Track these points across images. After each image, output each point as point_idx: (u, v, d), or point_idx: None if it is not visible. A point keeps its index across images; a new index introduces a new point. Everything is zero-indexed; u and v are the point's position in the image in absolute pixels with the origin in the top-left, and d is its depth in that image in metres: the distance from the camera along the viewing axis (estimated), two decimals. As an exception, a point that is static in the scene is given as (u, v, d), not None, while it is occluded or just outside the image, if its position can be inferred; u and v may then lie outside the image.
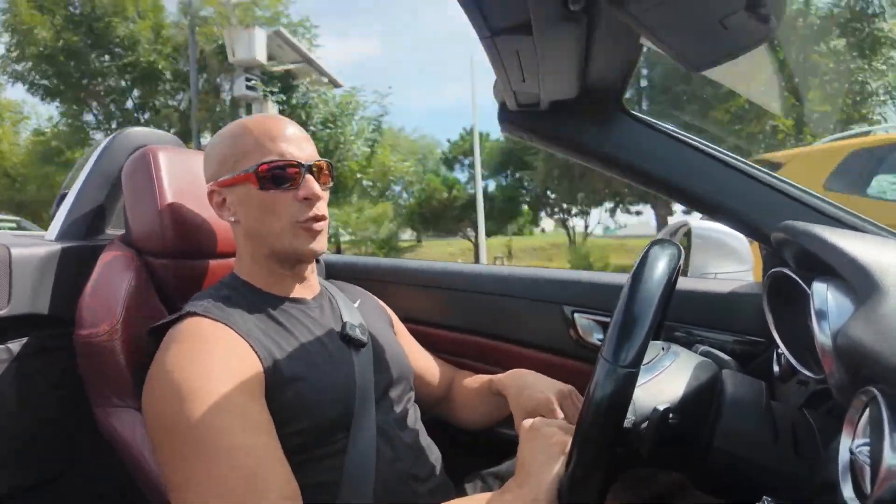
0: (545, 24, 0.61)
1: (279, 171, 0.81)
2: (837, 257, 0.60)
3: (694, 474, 0.66)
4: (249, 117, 0.87)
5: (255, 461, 0.65)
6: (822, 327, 0.57)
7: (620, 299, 0.56)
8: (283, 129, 0.84)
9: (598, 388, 0.54)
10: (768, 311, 0.80)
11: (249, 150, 0.82)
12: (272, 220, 0.83)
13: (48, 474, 0.98)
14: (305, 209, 0.83)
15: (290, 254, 0.85)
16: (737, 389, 0.65)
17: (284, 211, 0.82)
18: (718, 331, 1.02)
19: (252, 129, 0.84)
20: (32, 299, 0.91)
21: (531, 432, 0.70)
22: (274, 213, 0.82)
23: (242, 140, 0.83)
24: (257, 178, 0.81)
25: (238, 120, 0.87)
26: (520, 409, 0.93)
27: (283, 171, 0.82)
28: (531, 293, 1.22)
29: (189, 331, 0.74)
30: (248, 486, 0.63)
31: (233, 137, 0.85)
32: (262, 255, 0.86)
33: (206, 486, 0.63)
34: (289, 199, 0.82)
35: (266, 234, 0.84)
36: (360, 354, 0.86)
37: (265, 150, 0.82)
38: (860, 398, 0.47)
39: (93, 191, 1.10)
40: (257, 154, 0.82)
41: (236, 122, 0.87)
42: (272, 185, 0.81)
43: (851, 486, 0.46)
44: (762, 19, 0.48)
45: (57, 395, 0.96)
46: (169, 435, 0.67)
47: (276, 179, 0.82)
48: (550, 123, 0.93)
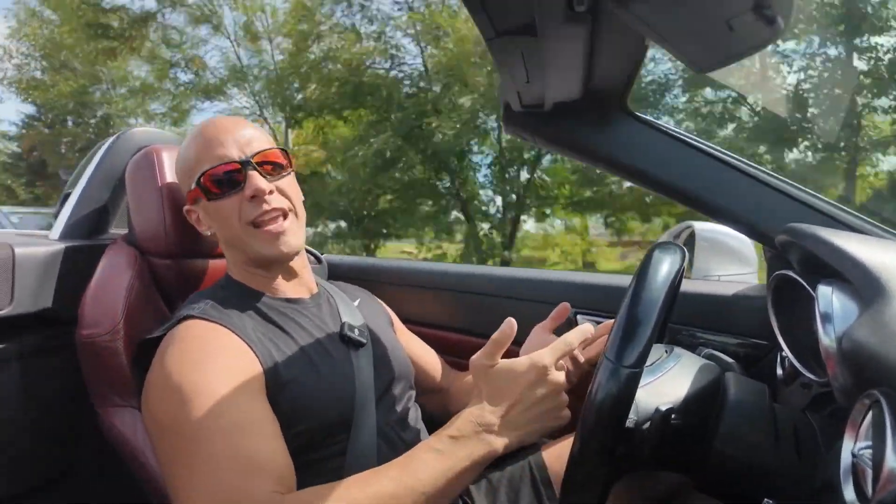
0: (550, 26, 0.61)
1: (221, 177, 0.80)
2: (842, 260, 0.60)
3: (696, 476, 0.66)
4: (196, 126, 0.87)
5: (254, 456, 0.65)
6: (826, 330, 0.57)
7: (624, 300, 0.56)
8: (222, 132, 0.82)
9: (600, 387, 0.54)
10: (772, 313, 0.80)
11: (192, 165, 0.82)
12: (228, 228, 0.82)
13: (52, 474, 0.98)
14: (255, 208, 0.81)
15: (259, 258, 0.84)
16: (739, 392, 0.65)
17: (236, 216, 0.81)
18: (722, 333, 1.02)
19: (194, 139, 0.84)
20: (35, 299, 0.92)
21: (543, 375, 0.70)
22: (228, 221, 0.82)
23: (187, 154, 0.84)
24: (203, 190, 0.81)
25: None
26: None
27: (223, 175, 0.80)
28: (533, 295, 1.22)
29: (187, 333, 0.74)
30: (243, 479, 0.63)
31: (182, 152, 0.85)
32: (241, 260, 0.86)
33: (204, 482, 0.63)
34: (237, 202, 0.81)
35: (232, 242, 0.84)
36: (360, 354, 0.86)
37: (203, 159, 0.81)
38: (863, 401, 0.46)
39: (96, 190, 1.11)
40: (198, 166, 0.81)
41: (187, 135, 0.87)
42: (219, 192, 0.81)
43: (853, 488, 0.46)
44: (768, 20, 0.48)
45: (59, 395, 0.97)
46: (169, 436, 0.67)
47: (220, 185, 0.81)
48: (554, 124, 0.93)
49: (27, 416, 0.92)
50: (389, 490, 0.62)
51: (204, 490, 0.63)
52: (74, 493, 1.02)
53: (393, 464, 0.66)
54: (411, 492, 0.63)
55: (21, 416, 0.91)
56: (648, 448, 0.59)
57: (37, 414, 0.94)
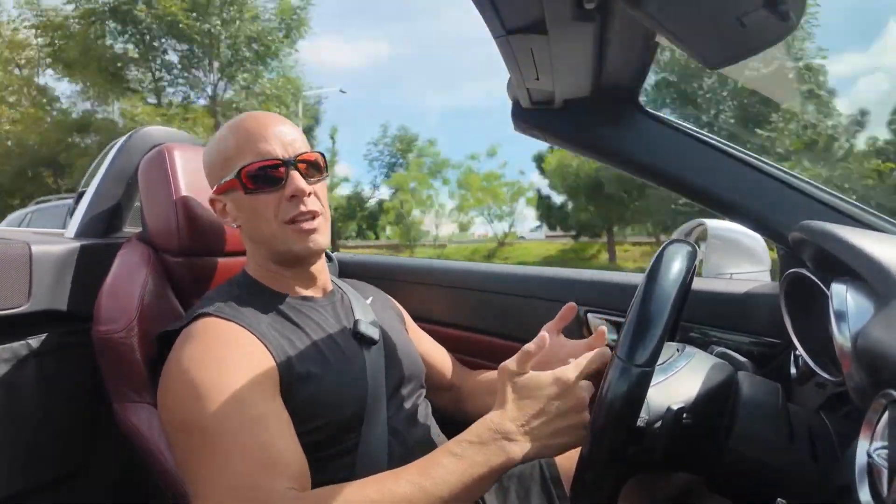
0: (559, 23, 0.61)
1: (262, 172, 0.81)
2: (857, 258, 0.59)
3: (708, 475, 0.66)
4: (233, 119, 0.87)
5: (269, 453, 0.66)
6: (841, 329, 0.56)
7: (635, 298, 0.56)
8: (264, 128, 0.83)
9: (611, 386, 0.54)
10: (785, 312, 0.79)
11: (232, 155, 0.82)
12: (263, 223, 0.82)
13: (68, 469, 1.00)
14: (293, 207, 0.82)
15: (287, 255, 0.84)
16: (752, 391, 0.64)
17: (273, 212, 0.82)
18: (734, 332, 1.01)
19: (233, 131, 0.84)
20: (52, 296, 0.93)
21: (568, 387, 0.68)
22: (263, 216, 0.82)
23: (225, 145, 0.83)
24: (241, 183, 0.81)
25: (225, 123, 0.87)
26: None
27: (265, 171, 0.81)
28: (544, 293, 1.22)
29: (203, 330, 0.75)
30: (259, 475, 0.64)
31: (218, 143, 0.85)
32: (265, 257, 0.86)
33: (220, 478, 0.64)
34: (276, 199, 0.81)
35: (262, 238, 0.84)
36: (372, 352, 0.86)
37: (245, 152, 0.81)
38: (879, 401, 0.46)
39: (110, 189, 1.12)
40: (239, 158, 0.81)
41: (223, 126, 0.87)
42: (257, 187, 0.81)
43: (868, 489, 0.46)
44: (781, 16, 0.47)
45: (75, 391, 0.98)
46: (185, 433, 0.68)
47: (260, 181, 0.81)
48: (564, 121, 0.92)
49: (44, 411, 0.94)
50: (405, 491, 0.63)
51: (221, 484, 0.63)
52: (91, 489, 1.04)
53: (410, 466, 0.66)
54: (427, 495, 0.63)
55: (38, 411, 0.93)
56: (659, 448, 0.59)
57: (53, 410, 0.95)
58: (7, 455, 0.88)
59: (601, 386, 0.55)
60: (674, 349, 0.70)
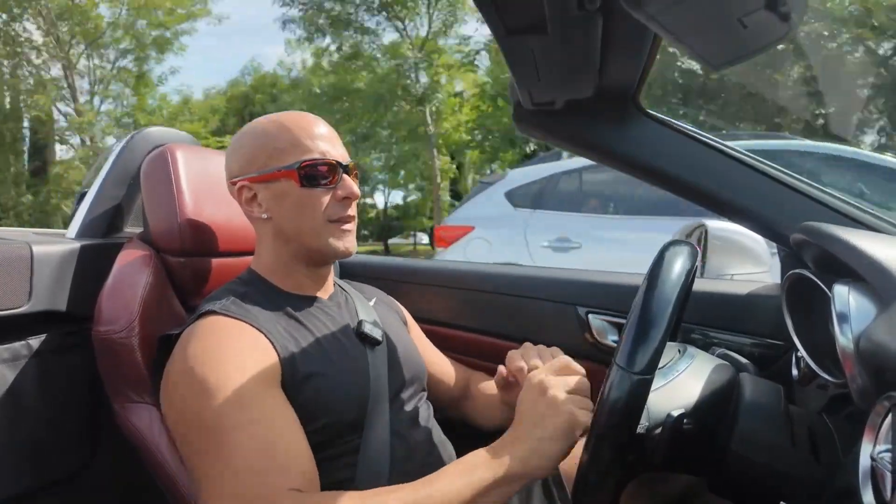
0: (561, 24, 0.61)
1: (320, 170, 0.83)
2: (859, 259, 0.59)
3: (709, 478, 0.65)
4: (280, 114, 0.88)
5: (276, 451, 0.66)
6: (843, 331, 0.56)
7: (635, 302, 0.56)
8: (320, 128, 0.86)
9: (611, 394, 0.53)
10: (787, 313, 0.79)
11: (285, 148, 0.83)
12: (307, 218, 0.83)
13: (69, 470, 1.00)
14: (342, 208, 0.85)
15: (322, 252, 0.86)
16: (754, 393, 0.64)
17: (321, 209, 0.83)
18: (736, 333, 1.01)
19: (289, 126, 0.85)
20: (52, 296, 0.93)
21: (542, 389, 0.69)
22: (311, 211, 0.83)
23: (278, 137, 0.84)
24: (299, 176, 0.82)
25: (268, 116, 0.88)
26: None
27: (323, 169, 0.83)
28: (545, 294, 1.22)
29: (209, 327, 0.75)
30: (266, 473, 0.64)
31: (265, 134, 0.85)
32: (289, 253, 0.87)
33: (228, 476, 0.64)
34: (327, 197, 0.84)
35: (299, 232, 0.85)
36: (376, 352, 0.86)
37: (304, 147, 0.83)
38: (882, 403, 0.46)
39: (112, 189, 1.12)
40: (296, 151, 0.83)
41: (268, 118, 0.88)
42: (312, 183, 0.83)
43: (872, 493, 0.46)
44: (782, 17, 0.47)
45: (76, 392, 0.98)
46: (191, 430, 0.68)
47: (316, 177, 0.83)
48: (565, 122, 0.92)
49: (44, 412, 0.94)
50: (408, 500, 0.63)
51: (226, 483, 0.64)
52: (92, 490, 1.04)
53: (418, 481, 0.67)
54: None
55: (38, 412, 0.93)
56: (660, 454, 0.59)
57: (54, 410, 0.95)
58: (7, 456, 0.88)
59: (601, 392, 0.55)
60: (675, 350, 0.70)
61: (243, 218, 0.90)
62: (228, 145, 0.90)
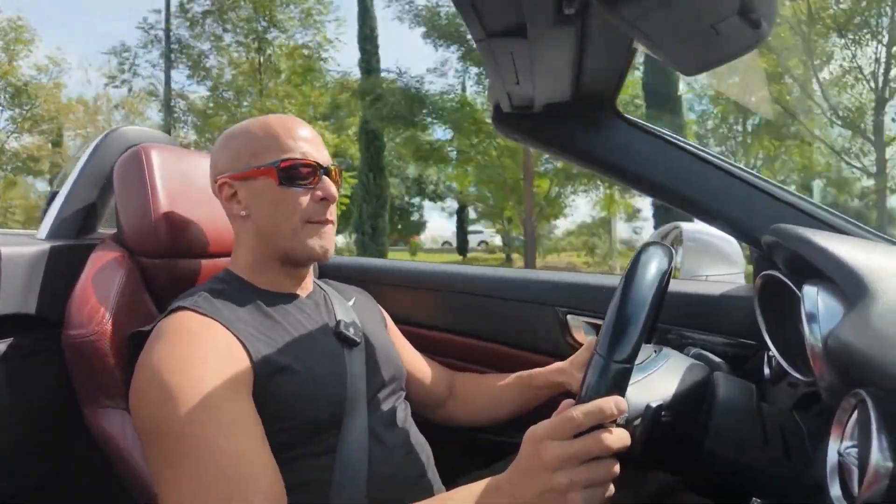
0: (539, 27, 0.62)
1: (300, 170, 0.83)
2: (827, 261, 0.61)
3: (685, 475, 0.67)
4: (268, 116, 0.88)
5: (241, 463, 0.64)
6: (812, 330, 0.57)
7: (614, 298, 0.57)
8: (304, 130, 0.87)
9: (591, 382, 0.54)
10: (759, 313, 0.81)
11: (269, 147, 0.84)
12: (285, 217, 0.83)
13: (42, 476, 0.97)
14: (321, 210, 0.85)
15: (298, 252, 0.85)
16: (727, 391, 0.65)
17: (299, 209, 0.83)
18: (710, 333, 1.03)
19: (273, 126, 0.85)
20: (21, 299, 0.90)
21: (551, 465, 0.53)
22: (289, 210, 0.83)
23: (262, 136, 0.85)
24: (278, 174, 0.82)
25: (256, 118, 0.89)
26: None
27: (304, 169, 0.84)
28: (525, 295, 1.23)
29: (176, 326, 0.74)
30: (232, 488, 0.62)
31: (251, 133, 0.86)
32: (267, 252, 0.86)
33: (191, 487, 0.63)
34: (305, 198, 0.84)
35: (276, 231, 0.84)
36: (353, 353, 0.86)
37: (287, 147, 0.83)
38: (849, 400, 0.47)
39: (84, 189, 1.09)
40: (278, 151, 0.83)
41: (255, 119, 0.88)
42: (291, 182, 0.83)
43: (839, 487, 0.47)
44: (753, 24, 0.48)
45: (46, 397, 0.95)
46: (156, 435, 0.67)
47: (296, 177, 0.83)
48: (544, 125, 0.93)
49: (15, 418, 0.91)
50: None
51: (189, 493, 0.62)
52: (65, 496, 1.01)
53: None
54: None
55: (9, 418, 0.90)
56: (639, 446, 0.60)
57: (25, 416, 0.93)
58: None
59: (581, 382, 0.56)
60: (651, 350, 0.71)
61: (220, 219, 0.88)
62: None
